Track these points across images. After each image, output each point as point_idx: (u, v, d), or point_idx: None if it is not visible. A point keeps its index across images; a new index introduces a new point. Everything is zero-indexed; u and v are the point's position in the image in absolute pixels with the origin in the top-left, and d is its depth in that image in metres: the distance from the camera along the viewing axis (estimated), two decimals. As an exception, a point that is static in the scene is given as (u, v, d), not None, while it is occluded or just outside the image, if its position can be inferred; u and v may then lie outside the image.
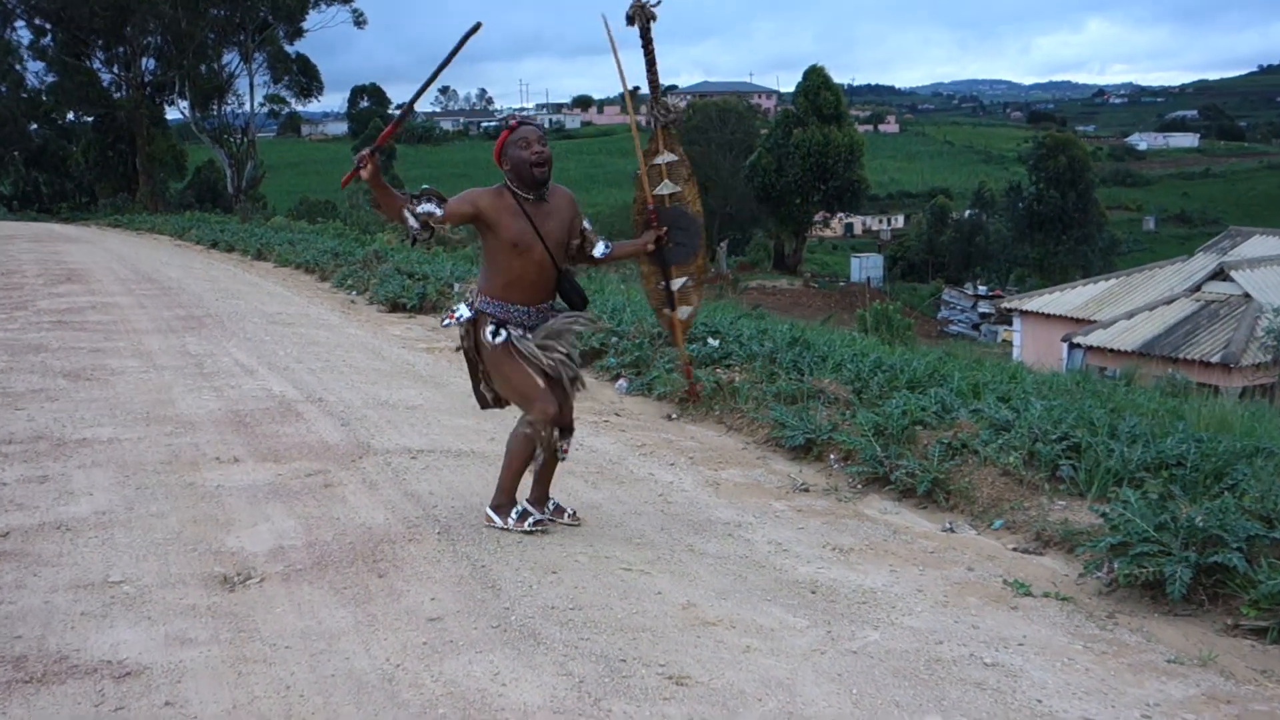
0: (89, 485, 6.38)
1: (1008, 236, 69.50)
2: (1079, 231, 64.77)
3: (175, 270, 19.96)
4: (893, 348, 12.20)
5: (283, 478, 6.63)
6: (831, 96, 68.87)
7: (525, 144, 5.48)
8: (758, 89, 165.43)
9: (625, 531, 5.90)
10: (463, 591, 4.89)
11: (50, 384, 9.19)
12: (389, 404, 8.91)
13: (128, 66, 57.48)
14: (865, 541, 5.94)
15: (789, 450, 7.76)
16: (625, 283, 17.91)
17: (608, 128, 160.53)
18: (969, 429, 7.05)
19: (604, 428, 8.56)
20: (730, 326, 11.08)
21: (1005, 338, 41.38)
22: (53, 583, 4.90)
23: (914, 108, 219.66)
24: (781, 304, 47.96)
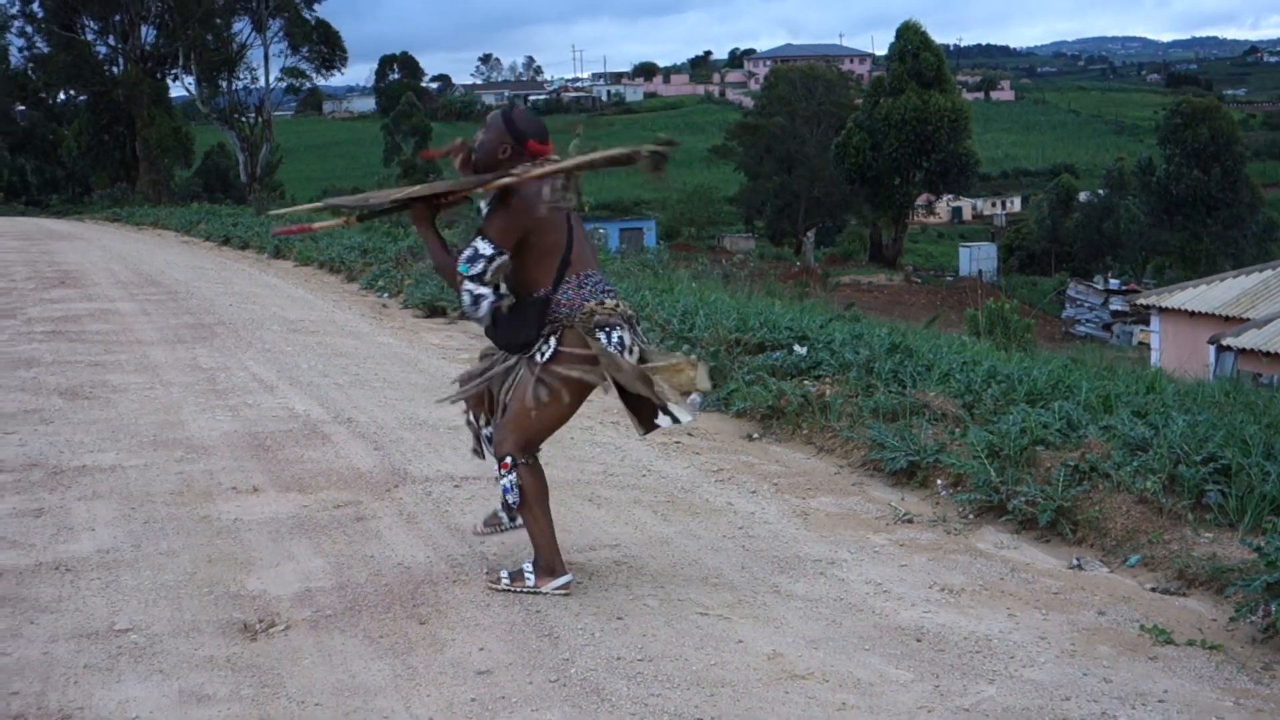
0: (90, 519, 6.51)
1: (1143, 221, 68.82)
2: (1227, 214, 64.11)
3: (182, 271, 20.26)
4: (1009, 354, 12.15)
5: (309, 510, 6.73)
6: (931, 57, 68.61)
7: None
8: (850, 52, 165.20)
9: (700, 570, 5.93)
10: (515, 641, 4.95)
11: (44, 403, 9.37)
12: (427, 424, 9.00)
13: (125, 37, 58.25)
14: (978, 581, 5.94)
15: (889, 475, 7.76)
16: (696, 281, 17.94)
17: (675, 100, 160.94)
18: (1099, 449, 7.02)
19: (675, 450, 8.60)
20: (819, 331, 11.08)
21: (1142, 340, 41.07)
22: (52, 631, 5.01)
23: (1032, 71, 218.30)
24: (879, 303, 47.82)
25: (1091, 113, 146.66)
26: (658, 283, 16.17)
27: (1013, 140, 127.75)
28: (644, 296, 13.56)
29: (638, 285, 15.39)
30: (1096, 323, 53.70)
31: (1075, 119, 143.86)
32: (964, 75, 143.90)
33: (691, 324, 11.52)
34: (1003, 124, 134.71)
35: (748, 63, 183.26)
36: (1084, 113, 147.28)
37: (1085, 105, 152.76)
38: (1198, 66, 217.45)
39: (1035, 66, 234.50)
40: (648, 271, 19.71)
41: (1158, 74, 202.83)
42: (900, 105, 66.46)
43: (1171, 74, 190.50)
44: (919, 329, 15.50)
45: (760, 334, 10.82)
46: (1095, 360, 13.58)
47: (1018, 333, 21.24)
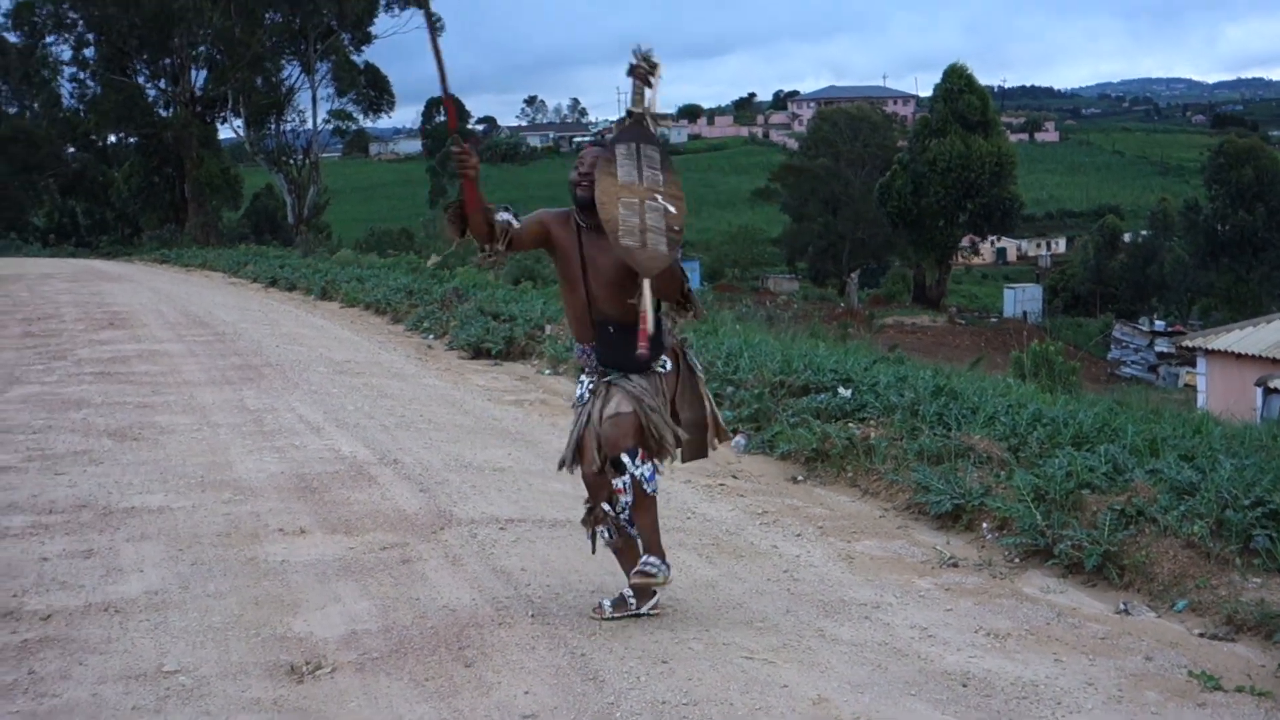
0: (139, 561, 6.55)
1: (1189, 263, 68.46)
2: (1273, 255, 63.70)
3: (230, 312, 20.40)
4: (1055, 396, 12.10)
5: (355, 552, 6.75)
6: (976, 100, 68.53)
7: (580, 162, 5.81)
8: (893, 94, 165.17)
9: (745, 614, 5.92)
10: (561, 684, 4.95)
11: (94, 444, 9.45)
12: (473, 466, 9.03)
13: (175, 80, 58.82)
14: (1025, 626, 5.91)
15: (934, 518, 7.75)
16: (740, 323, 17.95)
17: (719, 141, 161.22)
18: (1146, 493, 6.98)
19: (719, 492, 8.60)
20: (864, 373, 11.07)
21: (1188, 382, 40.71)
22: (101, 672, 5.04)
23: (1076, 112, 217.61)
24: (923, 344, 47.64)
25: (1136, 154, 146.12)
26: (702, 324, 16.19)
27: (1057, 181, 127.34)
28: (688, 338, 13.55)
29: (682, 327, 15.39)
30: (1142, 364, 53.37)
31: (1120, 160, 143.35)
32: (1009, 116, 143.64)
33: (736, 366, 11.53)
34: (1047, 165, 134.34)
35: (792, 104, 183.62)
36: (1128, 154, 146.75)
37: (1130, 146, 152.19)
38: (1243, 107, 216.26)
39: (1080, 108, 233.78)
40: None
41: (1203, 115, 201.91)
42: (945, 150, 66.37)
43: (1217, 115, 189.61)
44: (963, 371, 15.46)
45: (805, 376, 10.82)
46: (1141, 403, 13.49)
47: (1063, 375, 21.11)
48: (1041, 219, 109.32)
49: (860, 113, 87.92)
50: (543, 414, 11.51)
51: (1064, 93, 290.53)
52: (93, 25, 56.59)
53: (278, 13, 57.80)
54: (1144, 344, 55.20)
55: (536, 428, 10.82)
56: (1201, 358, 33.52)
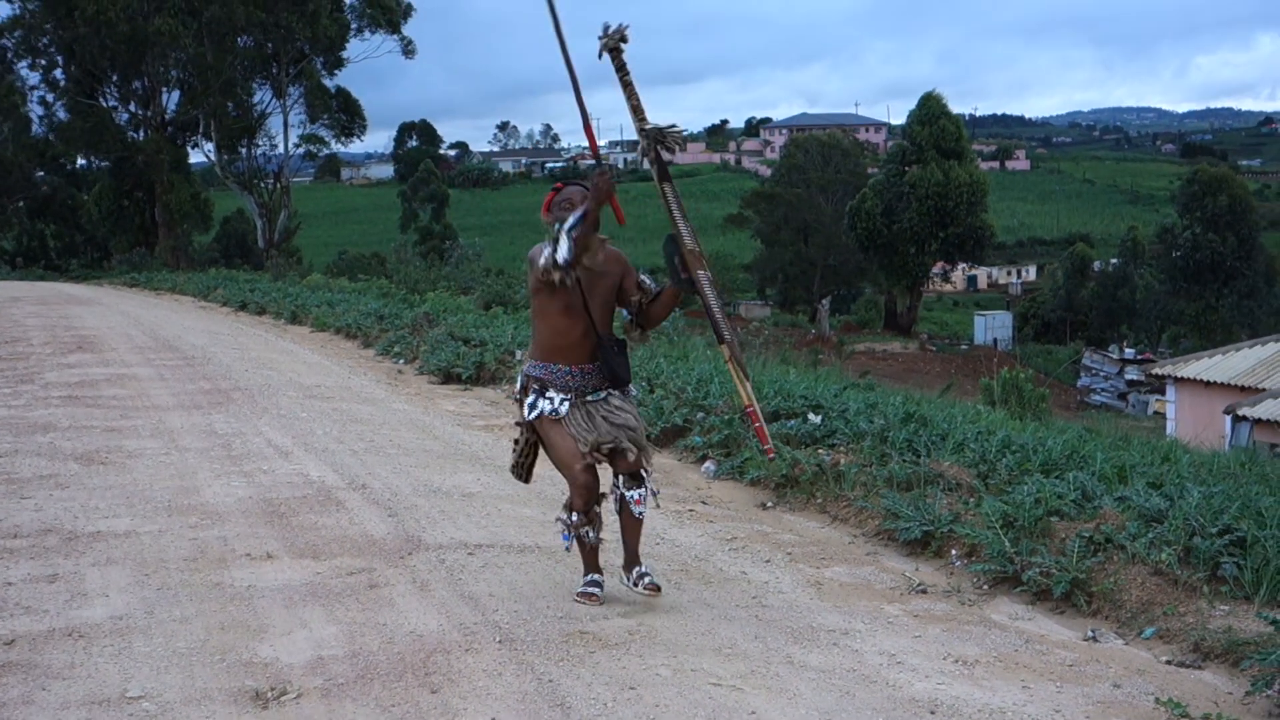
0: (104, 585, 6.51)
1: (1159, 290, 68.86)
2: (1243, 284, 64.13)
3: (199, 336, 20.33)
4: (1024, 423, 12.15)
5: (322, 577, 6.72)
6: (952, 127, 68.85)
7: (570, 205, 6.24)
8: (866, 121, 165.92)
9: (714, 640, 5.91)
10: (527, 710, 4.93)
11: (60, 469, 9.40)
12: (442, 491, 9.01)
13: (146, 104, 58.72)
14: (993, 653, 5.92)
15: (903, 545, 7.77)
16: (711, 349, 17.97)
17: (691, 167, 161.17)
18: (1114, 520, 7.02)
19: (689, 518, 8.60)
20: (834, 399, 11.10)
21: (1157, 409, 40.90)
22: (64, 698, 5.00)
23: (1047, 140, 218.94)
24: (894, 370, 47.79)
25: (1106, 182, 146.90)
26: (672, 350, 16.20)
27: (1028, 209, 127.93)
28: (659, 364, 13.59)
29: (653, 353, 15.41)
30: (1112, 392, 53.57)
31: (1090, 189, 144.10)
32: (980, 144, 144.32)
33: (706, 392, 11.55)
34: (1018, 193, 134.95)
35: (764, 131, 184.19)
36: (1099, 182, 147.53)
37: (1100, 175, 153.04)
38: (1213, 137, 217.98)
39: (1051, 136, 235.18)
40: (663, 338, 19.75)
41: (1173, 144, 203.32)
42: (924, 177, 66.67)
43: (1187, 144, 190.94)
44: (933, 397, 15.50)
45: (775, 402, 10.84)
46: (1110, 430, 13.59)
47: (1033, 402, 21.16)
48: (1012, 246, 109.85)
49: (832, 140, 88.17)
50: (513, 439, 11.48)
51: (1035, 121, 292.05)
52: (63, 48, 56.44)
53: (250, 37, 57.78)
54: (1114, 371, 55.43)
55: (506, 453, 10.76)
56: (1171, 385, 33.71)
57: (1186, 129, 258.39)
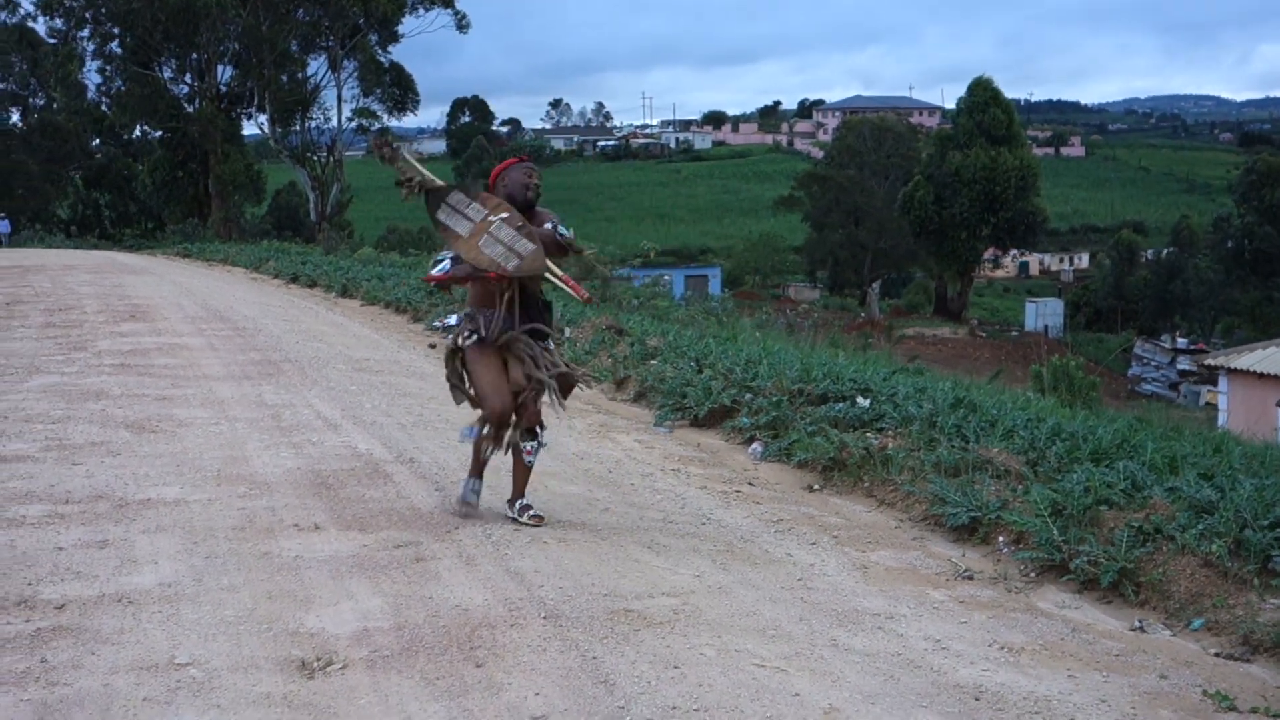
0: (153, 553, 6.56)
1: (1213, 280, 68.28)
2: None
3: (250, 308, 20.44)
4: (1074, 411, 12.08)
5: (368, 549, 6.75)
6: (1001, 113, 68.39)
7: (529, 172, 7.54)
8: (919, 104, 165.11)
9: (758, 621, 5.91)
10: (571, 686, 4.94)
11: (111, 436, 9.47)
12: (489, 467, 9.00)
13: (201, 76, 59.00)
14: (1039, 640, 5.89)
15: (950, 530, 7.74)
16: (760, 330, 17.94)
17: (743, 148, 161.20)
18: (1164, 510, 6.96)
19: (735, 499, 8.59)
20: (883, 384, 11.06)
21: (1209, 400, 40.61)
22: (113, 663, 5.04)
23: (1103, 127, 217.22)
24: (943, 356, 47.60)
25: (1162, 170, 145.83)
26: (721, 331, 16.19)
27: (1082, 196, 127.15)
28: (708, 345, 13.58)
29: (702, 333, 15.41)
30: (1163, 382, 53.21)
31: (1145, 176, 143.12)
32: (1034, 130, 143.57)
33: (755, 373, 11.51)
34: (1072, 180, 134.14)
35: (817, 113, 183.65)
36: (1154, 170, 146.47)
37: (1156, 163, 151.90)
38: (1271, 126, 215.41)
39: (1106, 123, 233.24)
40: (712, 320, 19.75)
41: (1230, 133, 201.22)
42: (970, 163, 66.26)
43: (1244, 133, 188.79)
44: (983, 384, 15.43)
45: (823, 385, 10.81)
46: (1161, 420, 13.46)
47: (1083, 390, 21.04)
48: (1065, 233, 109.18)
49: (885, 123, 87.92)
50: (560, 415, 11.48)
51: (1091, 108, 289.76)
52: (118, 19, 56.76)
53: (305, 10, 57.94)
54: (1165, 361, 55.06)
55: (553, 429, 10.77)
56: (1223, 376, 33.47)
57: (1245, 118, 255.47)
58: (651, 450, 10.18)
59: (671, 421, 11.29)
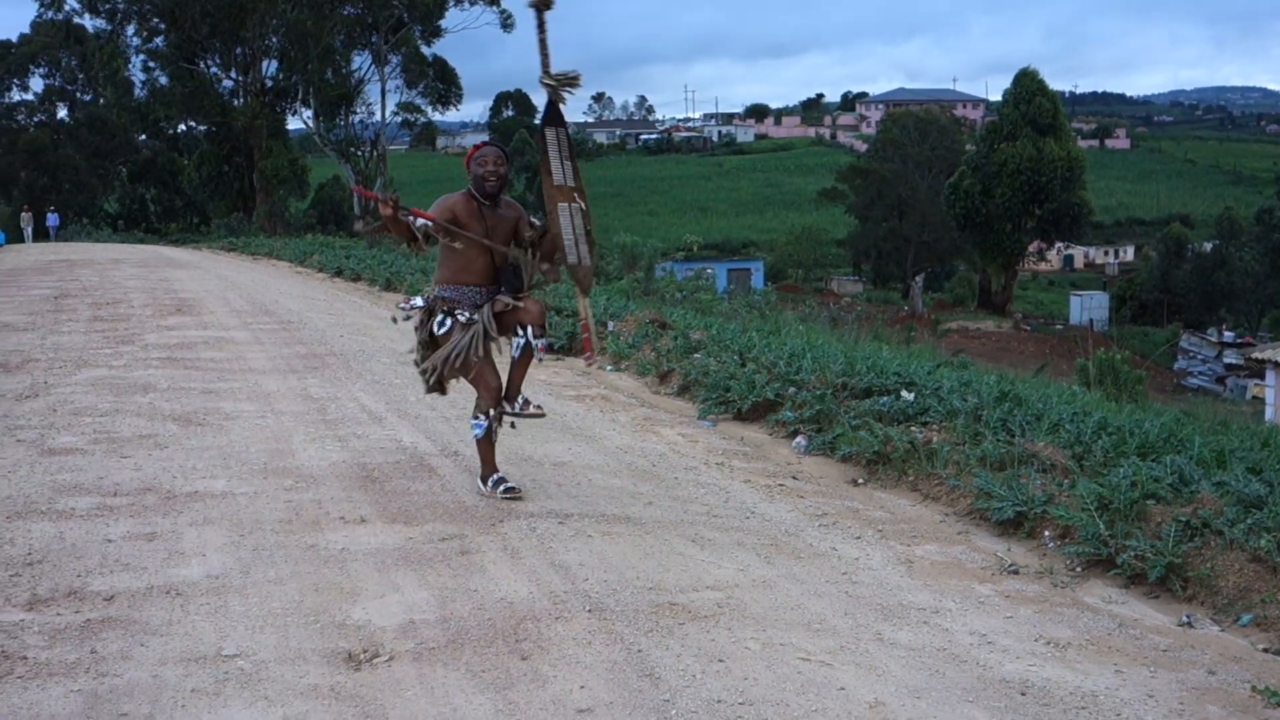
0: (201, 545, 6.61)
1: (1258, 272, 67.69)
2: (1348, 267, 62.94)
3: (295, 302, 20.54)
4: (1120, 405, 12.00)
5: (414, 542, 6.78)
6: (1047, 104, 67.96)
7: (484, 162, 7.69)
8: (963, 97, 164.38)
9: (803, 615, 5.90)
10: (616, 679, 4.95)
11: (159, 429, 9.55)
12: (533, 460, 9.05)
13: (246, 71, 59.30)
14: (1085, 635, 5.86)
15: (995, 524, 7.70)
16: (804, 323, 17.90)
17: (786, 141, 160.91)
18: (1212, 505, 6.91)
19: (779, 492, 8.58)
20: (927, 377, 11.01)
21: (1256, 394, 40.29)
22: (161, 654, 5.09)
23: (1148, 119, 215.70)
24: (987, 349, 47.41)
25: (1208, 162, 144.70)
26: (764, 324, 16.17)
27: (1127, 189, 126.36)
28: (752, 338, 13.56)
29: (745, 326, 15.39)
30: (1209, 375, 52.82)
31: (1192, 169, 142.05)
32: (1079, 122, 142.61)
33: (799, 367, 11.49)
34: (1117, 172, 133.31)
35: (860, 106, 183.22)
36: (1201, 162, 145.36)
37: (1202, 155, 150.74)
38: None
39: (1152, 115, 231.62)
40: (755, 313, 19.73)
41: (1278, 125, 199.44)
42: (1016, 153, 65.89)
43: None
44: (1028, 377, 15.35)
45: (868, 379, 10.78)
46: (1208, 414, 13.37)
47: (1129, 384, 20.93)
48: (1110, 226, 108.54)
49: (929, 115, 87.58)
50: (603, 410, 11.52)
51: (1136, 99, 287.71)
52: (164, 14, 57.09)
53: (349, 5, 58.15)
54: (1212, 355, 54.66)
55: (597, 423, 10.83)
56: (1271, 370, 33.24)
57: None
58: (695, 444, 10.17)
59: (715, 415, 11.28)
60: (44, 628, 5.34)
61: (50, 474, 8.03)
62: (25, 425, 9.59)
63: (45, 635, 5.25)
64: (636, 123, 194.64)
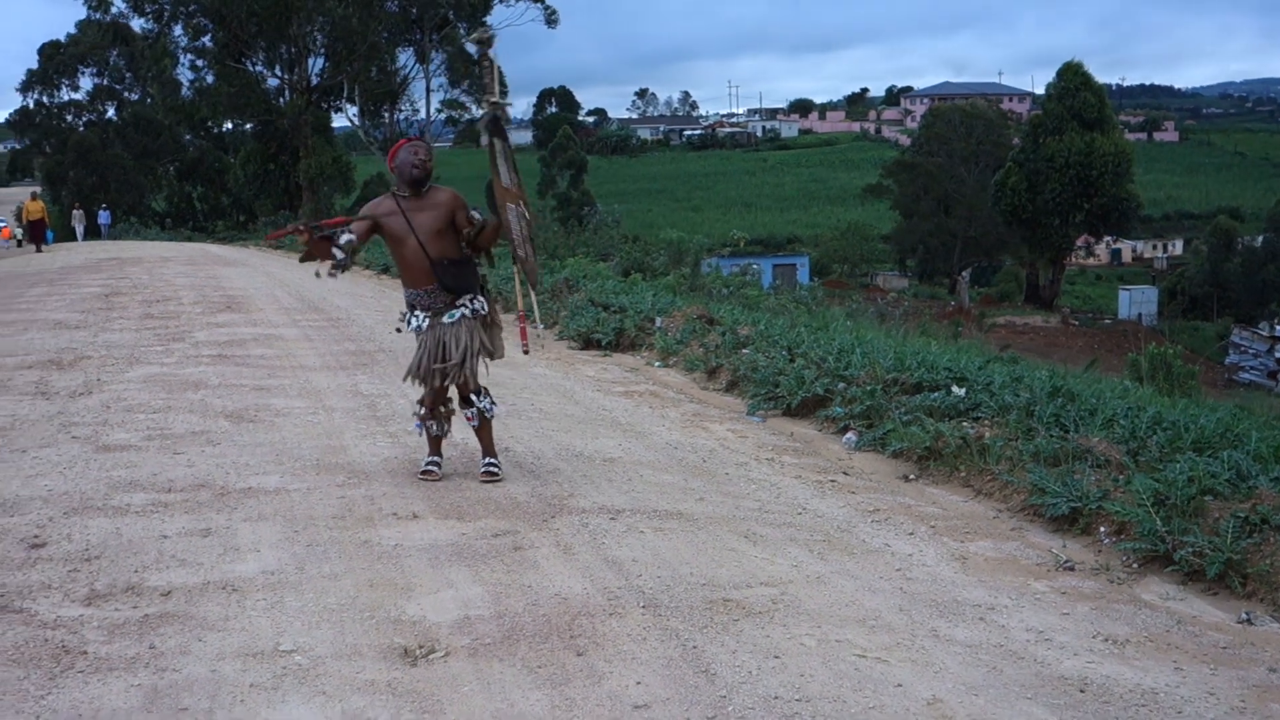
0: (255, 541, 6.65)
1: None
2: (1401, 261, 62.33)
3: (343, 299, 20.60)
4: (1173, 400, 11.92)
5: (467, 538, 6.80)
6: (1092, 98, 67.44)
7: (414, 151, 7.72)
8: (1009, 90, 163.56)
9: (858, 611, 5.89)
10: (672, 676, 4.95)
11: (211, 426, 9.61)
12: (584, 455, 9.06)
13: (291, 69, 59.60)
14: (1143, 632, 5.82)
15: (1049, 520, 7.66)
16: (851, 318, 17.85)
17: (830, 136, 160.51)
18: (1271, 500, 6.85)
19: (830, 488, 8.56)
20: (978, 372, 10.97)
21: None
22: (219, 649, 5.12)
23: (1196, 112, 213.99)
24: (1035, 345, 47.15)
25: (1259, 155, 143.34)
26: (812, 320, 16.13)
27: (1176, 182, 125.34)
28: (800, 333, 13.53)
29: (793, 321, 15.37)
30: (1261, 370, 52.35)
31: (1242, 161, 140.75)
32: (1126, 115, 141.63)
33: (848, 362, 11.46)
34: (1165, 165, 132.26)
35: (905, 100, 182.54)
36: (1251, 155, 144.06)
37: (1252, 147, 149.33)
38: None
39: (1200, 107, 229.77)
40: (802, 308, 19.69)
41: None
42: (1063, 148, 65.46)
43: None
44: (1078, 372, 15.27)
45: (918, 374, 10.75)
46: (1263, 409, 13.26)
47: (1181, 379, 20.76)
48: (1158, 220, 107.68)
49: (974, 109, 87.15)
50: (652, 406, 11.52)
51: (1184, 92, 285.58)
52: (210, 13, 57.45)
53: (394, 2, 58.37)
54: (1264, 349, 54.17)
55: (646, 419, 10.83)
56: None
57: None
58: (745, 439, 10.16)
59: (764, 411, 11.26)
60: (103, 623, 5.39)
61: (105, 470, 8.10)
62: (80, 422, 9.67)
63: (104, 630, 5.30)
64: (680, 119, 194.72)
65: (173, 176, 76.58)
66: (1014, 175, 68.09)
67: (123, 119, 77.24)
